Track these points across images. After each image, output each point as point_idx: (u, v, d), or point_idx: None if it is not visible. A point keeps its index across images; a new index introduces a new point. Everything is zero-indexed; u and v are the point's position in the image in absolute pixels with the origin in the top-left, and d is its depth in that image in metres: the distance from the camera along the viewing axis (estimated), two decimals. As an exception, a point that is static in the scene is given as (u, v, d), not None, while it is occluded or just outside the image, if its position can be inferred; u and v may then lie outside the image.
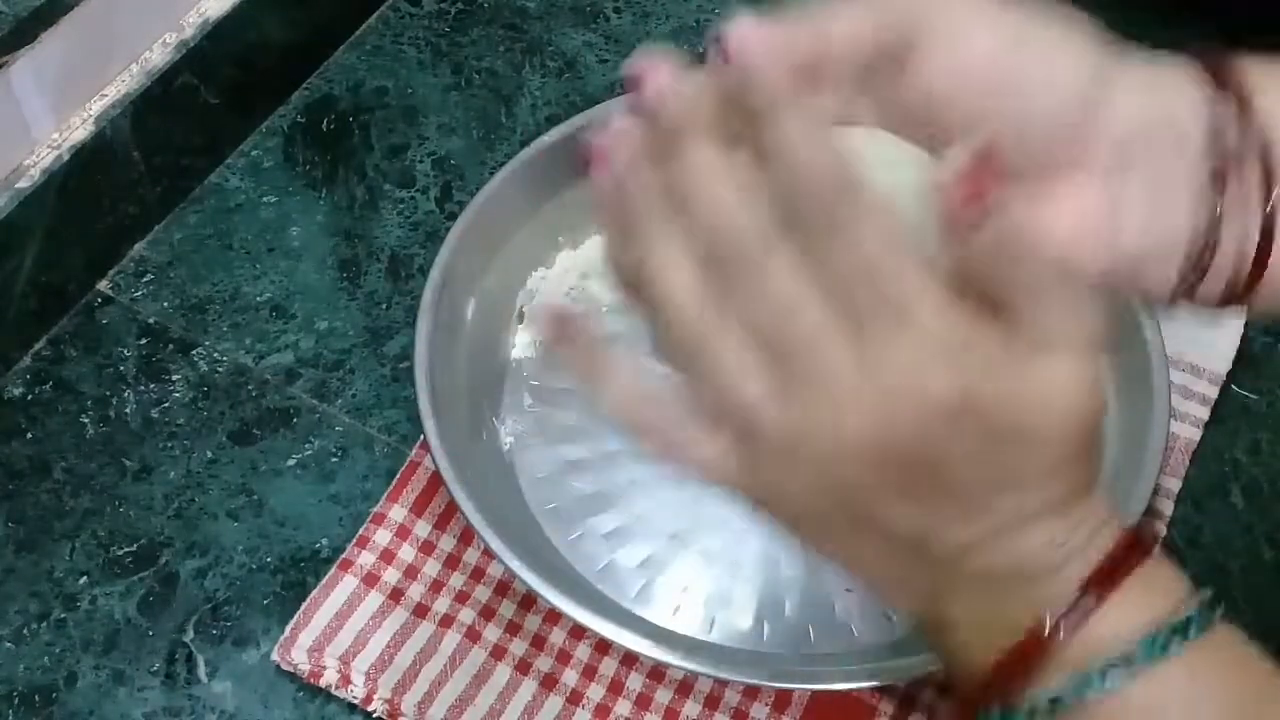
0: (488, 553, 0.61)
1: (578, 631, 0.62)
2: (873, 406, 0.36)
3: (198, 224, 0.76)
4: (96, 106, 0.71)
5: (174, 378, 0.71)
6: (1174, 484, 0.67)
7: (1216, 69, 0.42)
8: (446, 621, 0.62)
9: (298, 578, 0.64)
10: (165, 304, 0.73)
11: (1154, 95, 0.41)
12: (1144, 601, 0.38)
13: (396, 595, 0.63)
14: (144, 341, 0.72)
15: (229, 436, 0.69)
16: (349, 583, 0.63)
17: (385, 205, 0.77)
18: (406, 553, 0.64)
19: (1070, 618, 0.37)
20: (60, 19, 0.66)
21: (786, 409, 0.36)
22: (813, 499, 0.38)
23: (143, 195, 0.74)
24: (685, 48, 0.83)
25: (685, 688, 0.62)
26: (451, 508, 0.64)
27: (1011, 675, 0.38)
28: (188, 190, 0.77)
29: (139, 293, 0.73)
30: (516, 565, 0.57)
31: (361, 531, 0.65)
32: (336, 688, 0.61)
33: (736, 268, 0.36)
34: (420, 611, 0.63)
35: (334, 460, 0.68)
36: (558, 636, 0.62)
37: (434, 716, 0.60)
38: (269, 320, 0.73)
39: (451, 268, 0.65)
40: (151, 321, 0.72)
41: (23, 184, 0.68)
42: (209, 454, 0.68)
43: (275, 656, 0.62)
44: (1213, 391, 0.70)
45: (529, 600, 0.63)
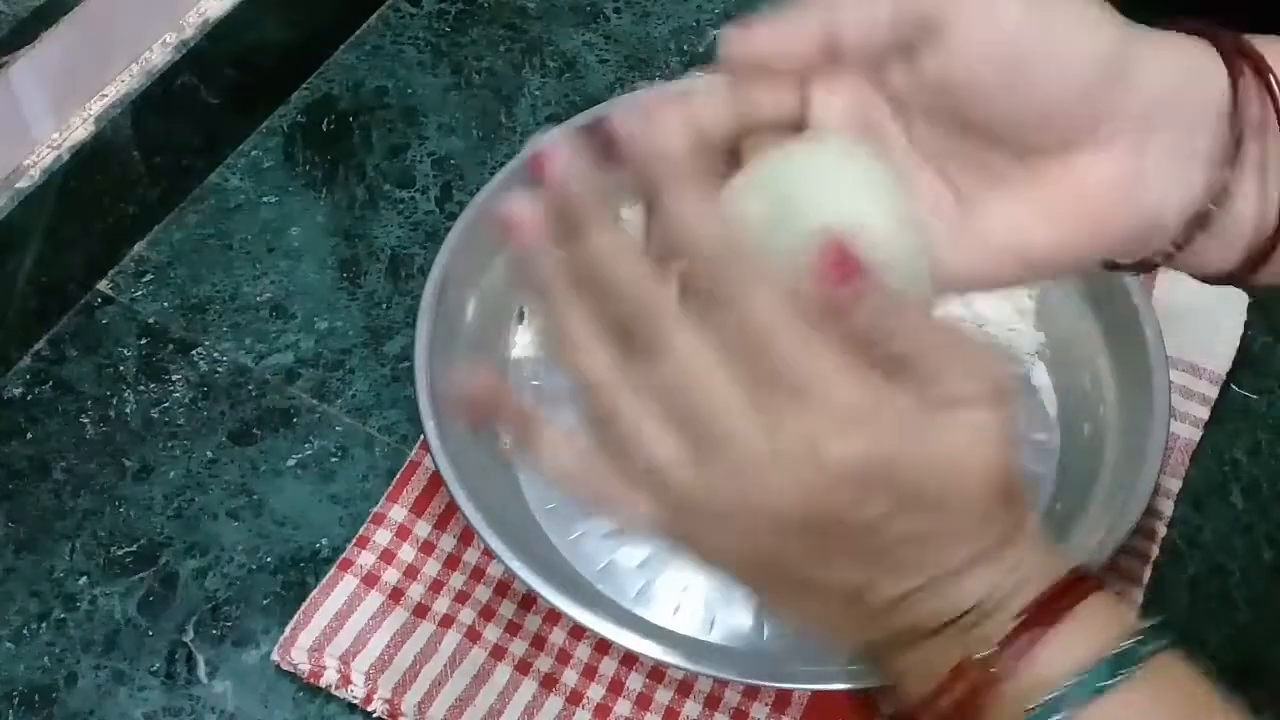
0: (488, 553, 0.61)
1: (578, 631, 0.62)
2: (780, 473, 0.36)
3: (198, 224, 0.76)
4: (96, 106, 0.71)
5: (174, 378, 0.71)
6: (1174, 484, 0.67)
7: (1232, 43, 0.42)
8: (446, 621, 0.62)
9: (298, 578, 0.64)
10: (165, 304, 0.73)
11: (1177, 63, 0.41)
12: (1082, 638, 0.38)
13: (396, 595, 0.63)
14: (144, 341, 0.72)
15: (229, 436, 0.69)
16: (349, 583, 0.63)
17: (385, 205, 0.77)
18: (406, 553, 0.64)
19: (1006, 657, 0.38)
20: (60, 19, 0.66)
21: (699, 475, 0.37)
22: (741, 558, 0.39)
23: (143, 195, 0.74)
24: (685, 48, 0.84)
25: (685, 688, 0.62)
26: (451, 508, 0.64)
27: (957, 716, 0.39)
28: (188, 190, 0.77)
29: (139, 293, 0.73)
30: (516, 565, 0.57)
31: (361, 531, 0.65)
32: (336, 688, 0.61)
33: (641, 340, 0.37)
34: (420, 611, 0.63)
35: (334, 460, 0.68)
36: (558, 636, 0.62)
37: (434, 716, 0.60)
38: (269, 320, 0.73)
39: (451, 268, 0.65)
40: (151, 321, 0.72)
41: (23, 184, 0.68)
42: (209, 454, 0.68)
43: (275, 656, 0.62)
44: (1213, 391, 0.70)
45: (529, 600, 0.63)
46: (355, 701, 0.61)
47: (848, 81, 0.41)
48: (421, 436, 0.65)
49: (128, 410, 0.69)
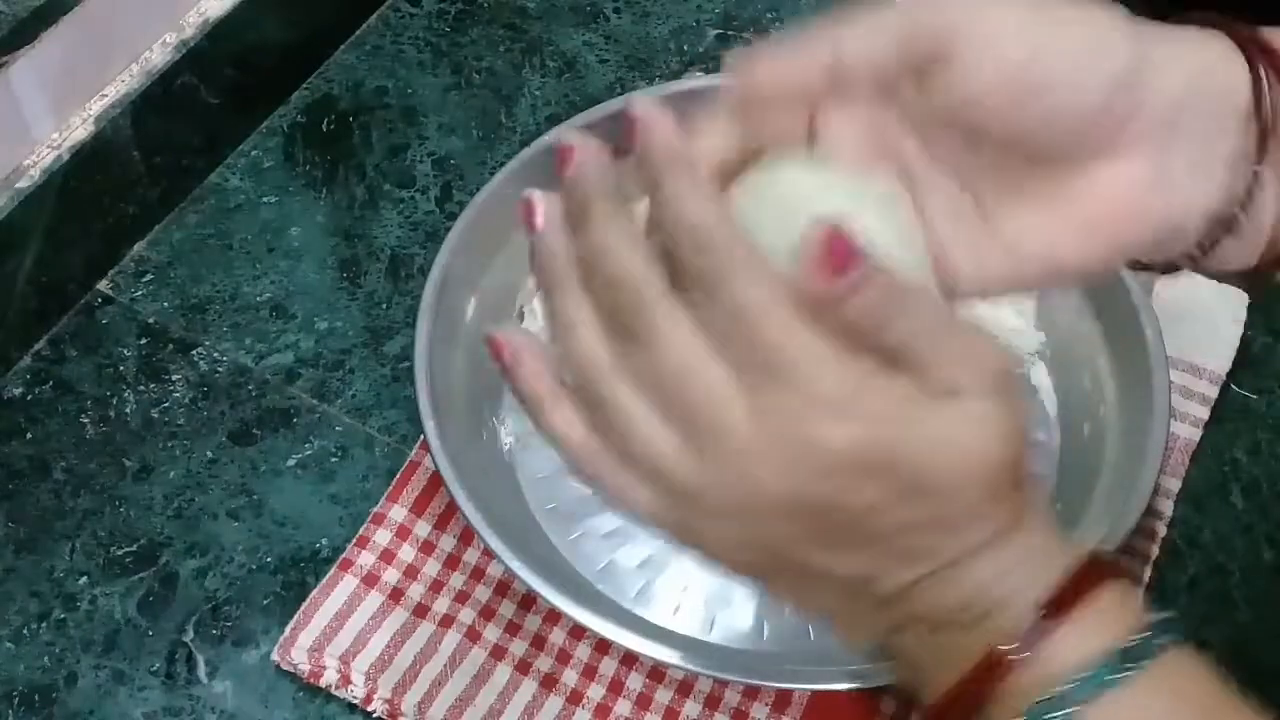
0: (488, 553, 0.61)
1: (578, 631, 0.62)
2: (772, 460, 0.36)
3: (198, 224, 0.76)
4: (96, 106, 0.71)
5: (174, 378, 0.71)
6: (1174, 484, 0.67)
7: (1249, 37, 0.41)
8: (446, 621, 0.62)
9: (298, 578, 0.64)
10: (165, 304, 0.73)
11: (1194, 64, 0.41)
12: (1094, 630, 0.38)
13: (396, 595, 0.63)
14: (144, 341, 0.72)
15: (229, 436, 0.69)
16: (349, 583, 0.63)
17: (385, 205, 0.77)
18: (406, 553, 0.64)
19: (1022, 648, 0.37)
20: (60, 19, 0.66)
21: (694, 463, 0.37)
22: (745, 546, 0.39)
23: (143, 195, 0.74)
24: (685, 47, 0.84)
25: (685, 688, 0.62)
26: (451, 508, 0.64)
27: (966, 706, 0.38)
28: (188, 190, 0.77)
29: (139, 293, 0.73)
30: (516, 565, 0.57)
31: (361, 531, 0.65)
32: (336, 688, 0.61)
33: (635, 328, 0.37)
34: (420, 611, 0.63)
35: (334, 460, 0.68)
36: (558, 636, 0.62)
37: (434, 716, 0.60)
38: (269, 320, 0.73)
39: (451, 268, 0.65)
40: (151, 321, 0.72)
41: (23, 184, 0.68)
42: (209, 454, 0.68)
43: (275, 656, 0.62)
44: (1213, 391, 0.70)
45: (529, 600, 0.63)
46: (355, 701, 0.61)
47: (858, 103, 0.40)
48: (421, 436, 0.65)
49: (128, 410, 0.69)
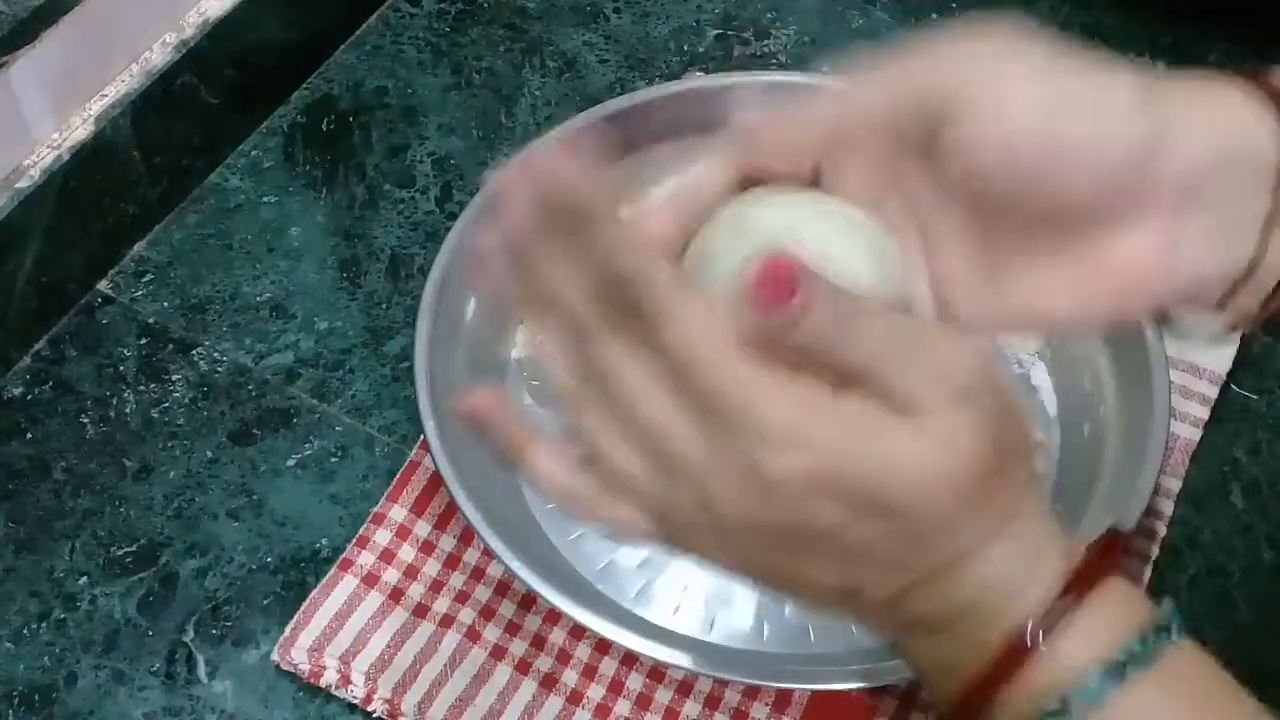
0: (488, 553, 0.61)
1: (578, 631, 0.62)
2: (730, 484, 0.36)
3: (198, 224, 0.76)
4: (96, 106, 0.71)
5: (174, 378, 0.71)
6: (1174, 484, 0.67)
7: (1272, 89, 0.40)
8: (446, 621, 0.62)
9: (298, 578, 0.64)
10: (165, 304, 0.73)
11: (1220, 130, 0.40)
12: (1104, 625, 0.37)
13: (396, 595, 0.63)
14: (144, 341, 0.72)
15: (229, 436, 0.69)
16: (349, 583, 0.63)
17: (385, 205, 0.77)
18: (406, 553, 0.64)
19: (1027, 653, 0.37)
20: (60, 19, 0.66)
21: (663, 485, 0.37)
22: (730, 558, 0.39)
23: (143, 195, 0.74)
24: (685, 47, 0.84)
25: (685, 688, 0.62)
26: (451, 508, 0.64)
27: (976, 710, 0.38)
28: (188, 190, 0.77)
29: (139, 293, 0.73)
30: (516, 565, 0.57)
31: (361, 531, 0.65)
32: (336, 688, 0.61)
33: (590, 366, 0.38)
34: (420, 611, 0.63)
35: (334, 460, 0.68)
36: (558, 636, 0.62)
37: (434, 716, 0.60)
38: (269, 320, 0.73)
39: (451, 268, 0.65)
40: (151, 321, 0.72)
41: (23, 184, 0.68)
42: (209, 454, 0.68)
43: (275, 656, 0.62)
44: (1213, 391, 0.70)
45: (529, 600, 0.63)
46: (355, 701, 0.61)
47: (860, 157, 0.40)
48: (421, 436, 0.65)
49: (128, 410, 0.69)
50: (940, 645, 0.39)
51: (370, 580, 0.63)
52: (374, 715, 0.60)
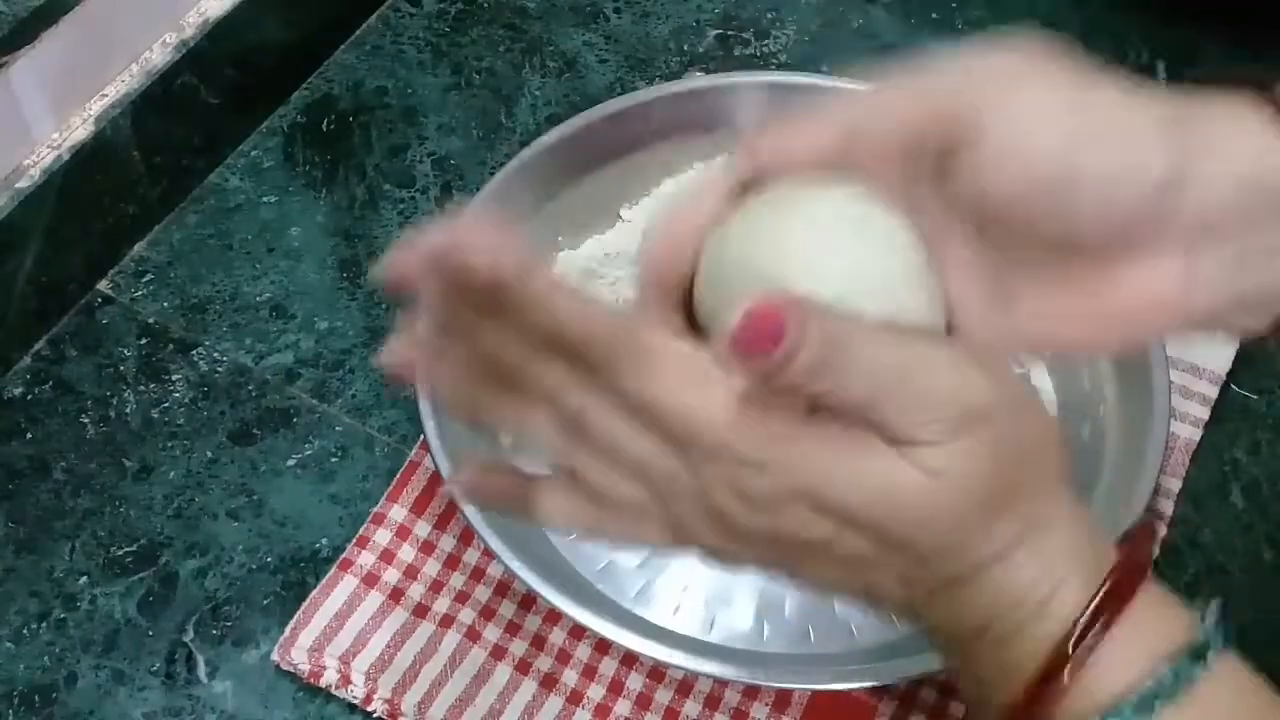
0: (488, 553, 0.61)
1: (578, 631, 0.62)
2: (722, 504, 0.37)
3: (198, 224, 0.76)
4: (96, 106, 0.71)
5: (174, 378, 0.71)
6: (1174, 484, 0.67)
7: None
8: (446, 621, 0.62)
9: (298, 578, 0.64)
10: (165, 304, 0.73)
11: (1240, 156, 0.39)
12: (1142, 641, 0.37)
13: (396, 595, 0.63)
14: (144, 341, 0.72)
15: (229, 436, 0.69)
16: (349, 583, 0.63)
17: (385, 205, 0.77)
18: (406, 553, 0.64)
19: (1061, 674, 0.36)
20: (60, 19, 0.66)
21: (666, 507, 0.38)
22: (753, 559, 0.39)
23: (143, 195, 0.74)
24: (685, 47, 0.84)
25: (685, 688, 0.62)
26: (451, 508, 0.64)
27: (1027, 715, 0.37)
28: (188, 190, 0.77)
29: (139, 293, 0.73)
30: (516, 565, 0.57)
31: (361, 531, 0.65)
32: (336, 688, 0.61)
33: (565, 416, 0.38)
34: (420, 611, 0.63)
35: (334, 460, 0.68)
36: (558, 636, 0.62)
37: (434, 716, 0.60)
38: (269, 320, 0.73)
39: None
40: (151, 321, 0.72)
41: (23, 184, 0.68)
42: (209, 454, 0.68)
43: (275, 656, 0.62)
44: (1213, 391, 0.70)
45: (529, 600, 0.63)
46: (355, 701, 0.61)
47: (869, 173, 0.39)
48: (421, 436, 0.65)
49: (128, 410, 0.69)
50: (980, 655, 0.38)
51: (370, 580, 0.63)
52: (374, 715, 0.60)
